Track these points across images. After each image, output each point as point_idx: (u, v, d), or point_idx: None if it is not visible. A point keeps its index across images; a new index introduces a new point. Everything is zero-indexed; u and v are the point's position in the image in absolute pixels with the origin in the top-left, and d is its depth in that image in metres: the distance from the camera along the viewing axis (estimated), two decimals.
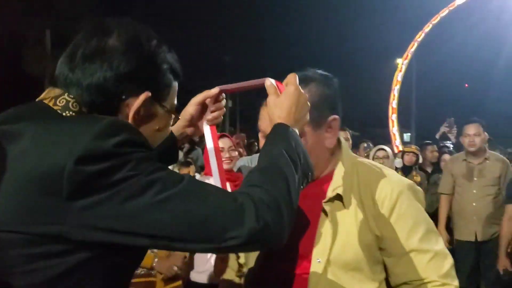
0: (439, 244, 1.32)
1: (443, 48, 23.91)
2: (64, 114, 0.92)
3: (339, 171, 1.35)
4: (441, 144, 6.64)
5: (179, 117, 1.14)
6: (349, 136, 4.39)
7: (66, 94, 0.94)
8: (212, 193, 0.90)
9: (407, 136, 24.63)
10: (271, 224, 0.89)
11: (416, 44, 21.67)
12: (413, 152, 6.01)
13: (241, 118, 28.32)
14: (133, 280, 2.74)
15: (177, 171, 6.22)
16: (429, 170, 6.18)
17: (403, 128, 24.38)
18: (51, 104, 0.93)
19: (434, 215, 5.33)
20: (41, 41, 16.63)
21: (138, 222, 0.83)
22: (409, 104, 24.02)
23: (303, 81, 1.28)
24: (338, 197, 1.31)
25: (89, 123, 0.87)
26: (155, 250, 2.76)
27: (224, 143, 3.21)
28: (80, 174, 0.80)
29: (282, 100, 1.12)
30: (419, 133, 22.25)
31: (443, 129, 7.08)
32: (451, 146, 6.65)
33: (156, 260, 2.74)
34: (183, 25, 25.50)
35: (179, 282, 2.91)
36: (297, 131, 1.11)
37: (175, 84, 1.06)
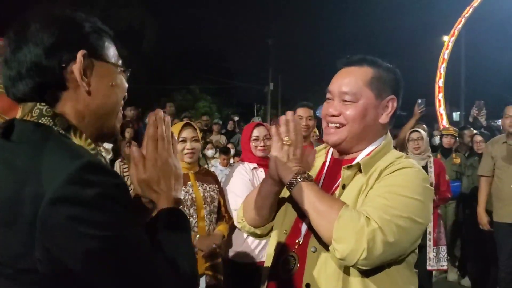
0: (411, 219, 1.38)
1: (493, 23, 22.79)
2: (40, 121, 1.02)
3: (375, 153, 1.56)
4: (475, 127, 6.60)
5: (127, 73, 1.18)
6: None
7: (38, 104, 1.03)
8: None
9: (456, 115, 23.89)
10: None
11: (463, 20, 20.80)
12: (451, 135, 6.00)
13: (282, 101, 28.38)
14: None
15: (217, 157, 6.50)
16: (463, 152, 6.17)
17: (452, 107, 23.64)
18: (28, 118, 1.03)
19: (471, 197, 5.34)
20: None
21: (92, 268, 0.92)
22: (458, 82, 23.21)
23: (374, 63, 1.59)
24: (357, 166, 1.52)
25: (64, 158, 0.94)
26: (196, 229, 3.00)
27: (259, 132, 3.37)
28: (54, 216, 0.89)
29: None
30: (469, 112, 21.48)
31: (472, 112, 6.99)
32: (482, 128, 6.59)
33: (197, 237, 2.98)
34: (227, 10, 25.64)
35: (219, 260, 3.14)
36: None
37: (108, 41, 1.13)
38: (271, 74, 25.88)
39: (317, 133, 5.49)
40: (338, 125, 1.58)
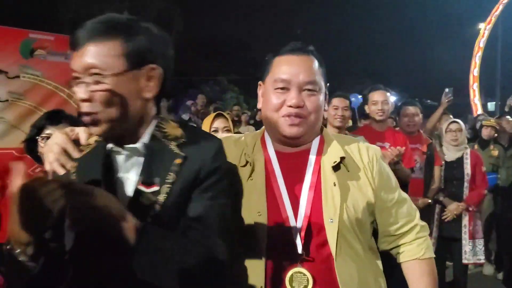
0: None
1: None
2: None
3: (328, 142, 1.58)
4: None
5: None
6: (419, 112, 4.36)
7: None
8: None
9: (491, 105, 23.26)
10: None
11: (501, 7, 20.08)
12: (492, 126, 5.84)
13: None
14: None
15: None
16: (503, 143, 5.96)
17: (487, 97, 23.01)
18: None
19: (509, 190, 5.18)
20: None
21: None
22: (494, 72, 22.53)
23: (312, 52, 1.59)
24: (341, 161, 1.52)
25: None
26: None
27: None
28: None
29: None
30: (504, 102, 20.79)
31: (509, 102, 6.78)
32: None
33: None
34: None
35: None
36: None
37: None
38: None
39: (351, 124, 5.41)
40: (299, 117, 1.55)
